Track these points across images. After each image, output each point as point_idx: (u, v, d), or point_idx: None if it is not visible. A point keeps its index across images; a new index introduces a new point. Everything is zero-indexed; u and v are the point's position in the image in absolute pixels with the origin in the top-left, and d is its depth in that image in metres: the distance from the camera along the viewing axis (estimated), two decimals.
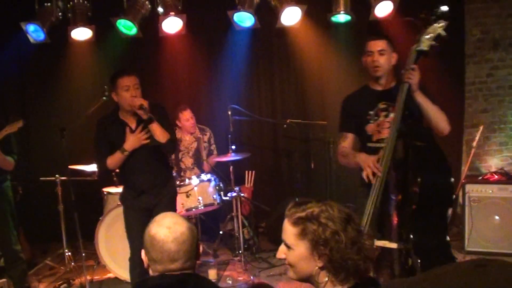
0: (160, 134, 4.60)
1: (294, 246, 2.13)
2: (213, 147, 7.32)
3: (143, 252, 2.42)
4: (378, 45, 4.14)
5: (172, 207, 4.90)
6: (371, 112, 4.18)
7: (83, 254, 5.58)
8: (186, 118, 7.07)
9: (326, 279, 2.09)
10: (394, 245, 3.58)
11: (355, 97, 4.41)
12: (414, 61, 3.73)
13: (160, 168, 4.91)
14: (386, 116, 4.11)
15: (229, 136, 6.65)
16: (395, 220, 3.65)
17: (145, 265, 2.42)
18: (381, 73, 4.17)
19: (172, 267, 2.29)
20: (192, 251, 2.34)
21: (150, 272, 2.40)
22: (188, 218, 6.32)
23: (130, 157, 4.68)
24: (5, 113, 8.18)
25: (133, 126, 4.74)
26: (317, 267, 2.10)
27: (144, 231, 4.55)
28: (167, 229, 2.32)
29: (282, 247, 2.18)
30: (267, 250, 7.07)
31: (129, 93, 4.62)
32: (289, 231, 2.15)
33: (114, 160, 4.69)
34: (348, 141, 4.33)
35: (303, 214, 2.12)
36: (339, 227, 2.06)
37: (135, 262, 4.72)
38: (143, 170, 4.76)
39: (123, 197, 5.01)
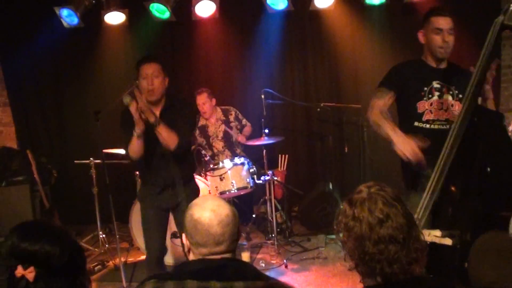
0: (165, 139, 4.24)
1: None
2: (244, 121, 7.28)
3: (184, 236, 2.39)
4: (448, 23, 3.81)
5: None
6: (426, 89, 3.87)
7: (117, 236, 5.61)
8: (198, 102, 7.06)
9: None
10: (448, 242, 3.13)
11: (409, 68, 4.02)
12: (496, 35, 3.35)
13: (181, 166, 4.51)
14: (440, 96, 3.85)
15: (263, 120, 6.61)
16: (452, 215, 3.29)
17: (186, 249, 2.40)
18: (447, 55, 3.87)
19: (217, 250, 2.26)
20: (236, 233, 2.31)
21: (191, 256, 2.38)
22: None
23: (149, 153, 4.35)
24: (40, 98, 8.31)
25: (157, 113, 4.35)
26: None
27: (162, 231, 4.43)
28: (211, 212, 2.28)
29: None
30: (299, 234, 7.06)
31: (145, 81, 4.31)
32: None
33: (132, 146, 4.27)
34: (386, 100, 3.91)
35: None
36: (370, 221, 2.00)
37: (151, 262, 4.52)
38: (163, 166, 4.44)
39: (142, 195, 4.71)
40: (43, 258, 1.88)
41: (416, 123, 3.89)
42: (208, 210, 2.29)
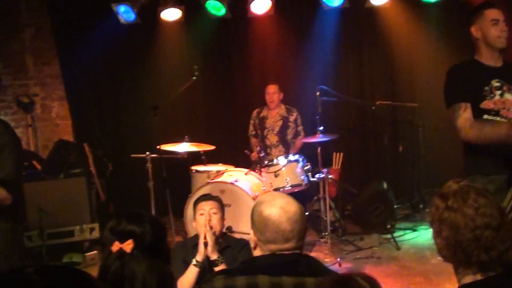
0: None
1: None
2: (299, 128, 7.29)
3: (251, 232, 2.41)
4: (502, 14, 3.77)
5: None
6: (486, 88, 3.75)
7: (173, 230, 5.65)
8: (268, 91, 7.17)
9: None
10: None
11: (465, 69, 3.89)
12: None
13: None
14: (501, 95, 3.74)
15: (317, 117, 6.58)
16: None
17: (253, 244, 2.41)
18: (505, 44, 3.76)
19: (286, 247, 2.26)
20: (304, 230, 2.32)
21: (257, 252, 2.39)
22: None
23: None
24: (97, 92, 8.44)
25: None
26: None
27: None
28: (280, 209, 2.30)
29: None
30: (353, 233, 7.00)
31: (203, 218, 3.91)
32: None
33: (186, 275, 3.74)
34: (469, 111, 3.71)
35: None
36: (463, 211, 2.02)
37: None
38: None
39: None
40: (140, 236, 2.07)
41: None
42: (277, 207, 2.30)
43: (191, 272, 3.71)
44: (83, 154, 7.30)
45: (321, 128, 6.55)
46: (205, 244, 3.72)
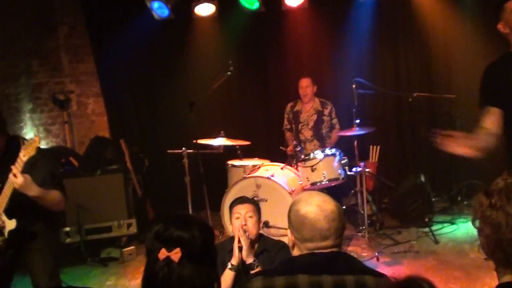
0: None
1: None
2: (334, 121, 7.20)
3: (288, 231, 2.40)
4: None
5: None
6: None
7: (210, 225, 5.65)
8: (301, 85, 7.08)
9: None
10: None
11: (501, 67, 3.72)
12: None
13: None
14: None
15: (354, 110, 6.52)
16: None
17: (290, 244, 2.41)
18: None
19: (324, 245, 2.26)
20: (341, 228, 2.31)
21: (295, 252, 2.38)
22: None
23: None
24: (132, 88, 8.50)
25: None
26: None
27: None
28: (317, 207, 2.30)
29: None
30: (390, 226, 6.93)
31: (239, 221, 3.82)
32: None
33: (223, 279, 3.58)
34: (494, 117, 3.55)
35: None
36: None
37: None
38: None
39: None
40: (188, 243, 1.99)
41: None
42: (314, 205, 2.31)
43: (227, 276, 3.65)
44: (119, 150, 7.36)
45: (358, 121, 6.50)
46: (240, 248, 3.65)
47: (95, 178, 7.06)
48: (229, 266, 3.66)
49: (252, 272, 3.51)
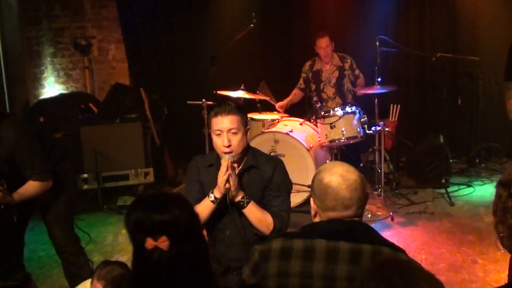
0: (254, 221, 3.17)
1: None
2: (357, 72, 7.07)
3: (311, 200, 2.41)
4: None
5: None
6: None
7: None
8: (321, 45, 6.94)
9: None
10: None
11: None
12: None
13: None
14: None
15: (376, 68, 6.45)
16: None
17: (313, 212, 2.42)
18: None
19: (346, 214, 2.27)
20: (364, 198, 2.31)
21: (316, 220, 2.39)
22: (330, 149, 6.27)
23: (218, 224, 3.28)
24: (154, 35, 8.45)
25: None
26: None
27: None
28: (340, 176, 2.30)
29: None
30: (406, 186, 6.94)
31: (220, 139, 3.12)
32: None
33: (201, 208, 3.12)
34: None
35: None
36: None
37: None
38: (232, 242, 3.27)
39: None
40: (173, 225, 1.89)
41: None
42: (337, 175, 2.31)
43: (206, 207, 3.14)
44: (139, 98, 7.36)
45: (379, 79, 6.44)
46: (226, 181, 3.02)
47: (114, 126, 7.13)
48: (211, 197, 3.11)
49: (244, 210, 3.13)
